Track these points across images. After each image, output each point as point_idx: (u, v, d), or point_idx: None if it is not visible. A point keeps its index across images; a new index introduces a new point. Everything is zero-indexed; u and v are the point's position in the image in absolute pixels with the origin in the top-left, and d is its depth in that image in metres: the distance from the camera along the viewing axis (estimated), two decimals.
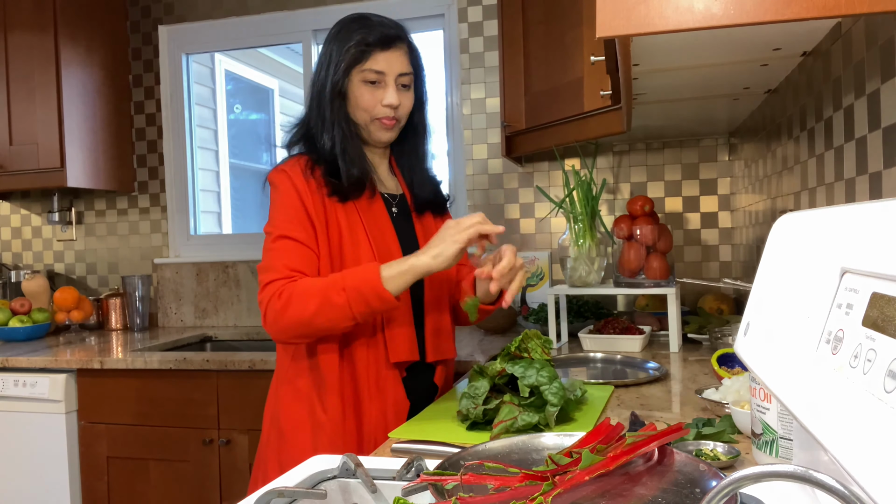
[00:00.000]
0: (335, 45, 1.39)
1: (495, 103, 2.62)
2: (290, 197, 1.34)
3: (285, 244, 1.31)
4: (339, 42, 1.38)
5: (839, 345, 0.47)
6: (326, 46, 1.41)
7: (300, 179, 1.35)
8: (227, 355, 2.18)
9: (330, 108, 1.38)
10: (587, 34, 1.82)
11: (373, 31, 1.37)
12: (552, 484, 0.63)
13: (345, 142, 1.38)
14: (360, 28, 1.38)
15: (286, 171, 1.37)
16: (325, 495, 0.78)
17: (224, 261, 2.93)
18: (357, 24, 1.39)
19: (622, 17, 0.90)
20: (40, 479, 2.28)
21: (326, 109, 1.39)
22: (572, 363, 1.73)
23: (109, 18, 2.95)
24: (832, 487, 0.39)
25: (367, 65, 1.36)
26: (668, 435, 0.72)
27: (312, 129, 1.41)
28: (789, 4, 0.84)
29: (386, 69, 1.37)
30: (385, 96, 1.38)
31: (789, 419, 0.85)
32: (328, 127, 1.39)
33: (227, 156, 3.27)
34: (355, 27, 1.38)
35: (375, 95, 1.38)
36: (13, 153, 2.72)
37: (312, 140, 1.42)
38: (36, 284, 2.87)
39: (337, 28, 1.42)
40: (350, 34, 1.38)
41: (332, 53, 1.38)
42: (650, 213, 2.01)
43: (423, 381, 1.45)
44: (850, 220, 0.51)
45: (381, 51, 1.37)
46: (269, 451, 1.40)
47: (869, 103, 1.02)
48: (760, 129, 1.85)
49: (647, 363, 1.63)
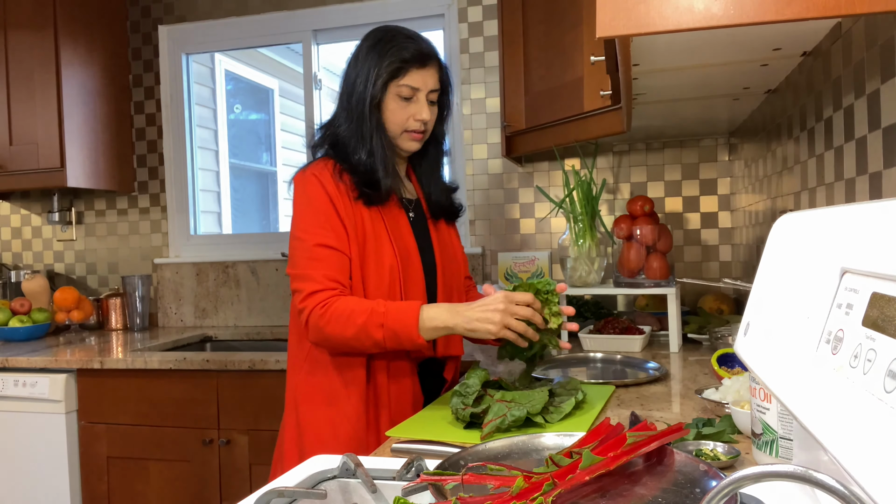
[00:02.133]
0: (372, 59, 1.42)
1: (495, 103, 2.62)
2: (321, 201, 1.38)
3: (322, 252, 1.36)
4: (375, 56, 1.42)
5: (839, 345, 0.47)
6: (362, 59, 1.44)
7: (331, 183, 1.39)
8: (227, 355, 2.18)
9: (368, 121, 1.42)
10: (587, 34, 1.82)
11: (409, 48, 1.42)
12: (552, 484, 0.63)
13: (383, 153, 1.43)
14: (396, 44, 1.42)
15: (316, 175, 1.40)
16: (325, 495, 0.78)
17: (224, 261, 2.93)
18: (393, 40, 1.43)
19: (622, 17, 0.90)
20: (40, 479, 2.28)
21: (365, 123, 1.42)
22: (572, 363, 1.73)
23: (109, 18, 2.94)
24: (832, 487, 0.39)
25: (403, 81, 1.42)
26: (668, 435, 0.72)
27: (343, 137, 1.44)
28: (789, 4, 0.84)
29: (420, 86, 1.43)
30: (418, 111, 1.44)
31: (789, 419, 0.85)
32: (366, 139, 1.42)
33: (227, 156, 3.27)
34: (392, 43, 1.42)
35: (408, 110, 1.44)
36: (13, 153, 2.72)
37: (341, 147, 1.44)
38: (36, 284, 2.87)
39: (371, 42, 1.45)
40: (387, 49, 1.42)
41: (370, 67, 1.42)
42: (650, 213, 2.01)
43: (435, 375, 1.52)
44: (850, 220, 0.51)
45: (417, 68, 1.43)
46: (290, 446, 1.42)
47: (869, 103, 1.02)
48: (760, 129, 1.85)
49: (647, 363, 1.63)
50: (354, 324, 1.30)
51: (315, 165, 1.43)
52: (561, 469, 0.66)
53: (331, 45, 2.92)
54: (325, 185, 1.38)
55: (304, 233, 1.37)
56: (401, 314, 1.29)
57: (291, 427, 1.43)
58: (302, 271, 1.35)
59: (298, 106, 3.93)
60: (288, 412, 1.45)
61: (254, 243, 2.94)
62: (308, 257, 1.35)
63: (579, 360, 1.75)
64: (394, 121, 1.44)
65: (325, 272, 1.35)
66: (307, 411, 1.41)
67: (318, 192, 1.38)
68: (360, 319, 1.29)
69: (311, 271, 1.35)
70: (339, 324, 1.30)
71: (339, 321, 1.30)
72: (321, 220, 1.37)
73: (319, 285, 1.33)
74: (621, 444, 0.69)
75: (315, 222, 1.37)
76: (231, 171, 3.33)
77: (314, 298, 1.33)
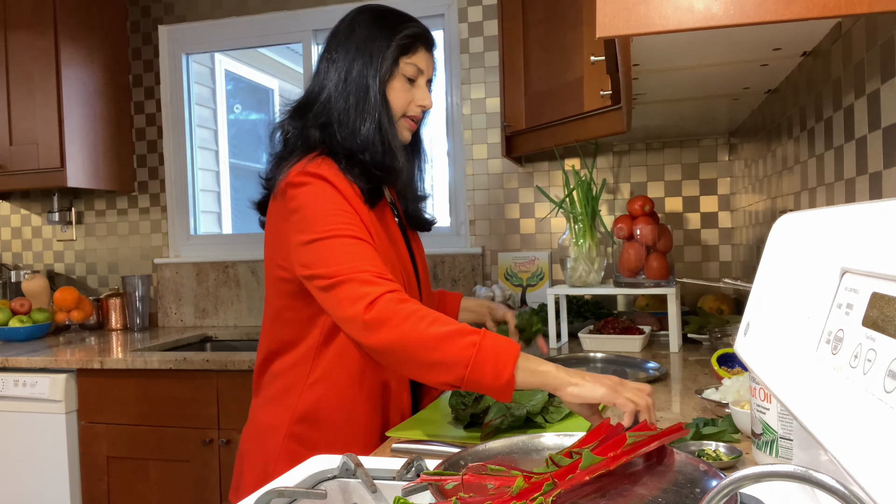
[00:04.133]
0: (376, 31, 1.28)
1: (495, 103, 2.62)
2: (338, 202, 1.20)
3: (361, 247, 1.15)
4: (379, 28, 1.29)
5: (839, 345, 0.47)
6: (362, 33, 1.29)
7: (344, 185, 1.22)
8: (227, 355, 2.18)
9: (373, 96, 1.27)
10: (587, 34, 1.81)
11: (418, 26, 1.31)
12: (552, 484, 0.63)
13: (391, 129, 1.29)
14: (405, 20, 1.31)
15: (327, 177, 1.21)
16: (325, 495, 0.78)
17: (224, 261, 2.93)
18: (396, 16, 1.32)
19: (622, 17, 0.90)
20: (40, 479, 2.28)
21: (369, 98, 1.27)
22: (572, 363, 1.73)
23: (109, 18, 2.95)
24: (832, 487, 0.39)
25: (412, 59, 1.30)
26: (668, 435, 0.72)
27: (340, 115, 1.27)
28: (789, 4, 0.84)
29: (425, 68, 1.33)
30: (422, 97, 1.33)
31: (789, 419, 0.85)
32: (371, 114, 1.26)
33: (227, 156, 3.27)
34: (396, 18, 1.31)
35: (411, 93, 1.32)
36: (13, 153, 2.72)
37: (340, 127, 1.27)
38: (36, 284, 2.87)
39: (370, 15, 1.31)
40: (394, 23, 1.30)
41: (375, 39, 1.28)
42: (650, 213, 2.01)
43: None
44: (850, 220, 0.51)
45: (425, 50, 1.33)
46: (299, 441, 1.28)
47: (869, 103, 1.02)
48: (760, 129, 1.85)
49: (647, 363, 1.63)
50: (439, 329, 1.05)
51: (319, 165, 1.22)
52: (561, 469, 0.66)
53: None
54: (338, 187, 1.21)
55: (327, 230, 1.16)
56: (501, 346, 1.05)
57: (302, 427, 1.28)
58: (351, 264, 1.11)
59: None
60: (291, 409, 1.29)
61: (254, 243, 2.94)
62: (348, 252, 1.13)
63: (579, 360, 1.75)
64: (396, 102, 1.30)
65: (380, 269, 1.13)
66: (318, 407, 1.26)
67: (333, 193, 1.20)
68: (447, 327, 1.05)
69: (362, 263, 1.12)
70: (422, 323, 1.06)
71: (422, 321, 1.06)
72: (348, 219, 1.18)
73: (387, 274, 1.13)
74: (621, 444, 0.69)
75: (343, 219, 1.18)
76: (231, 171, 3.33)
77: (386, 285, 1.10)
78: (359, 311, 1.07)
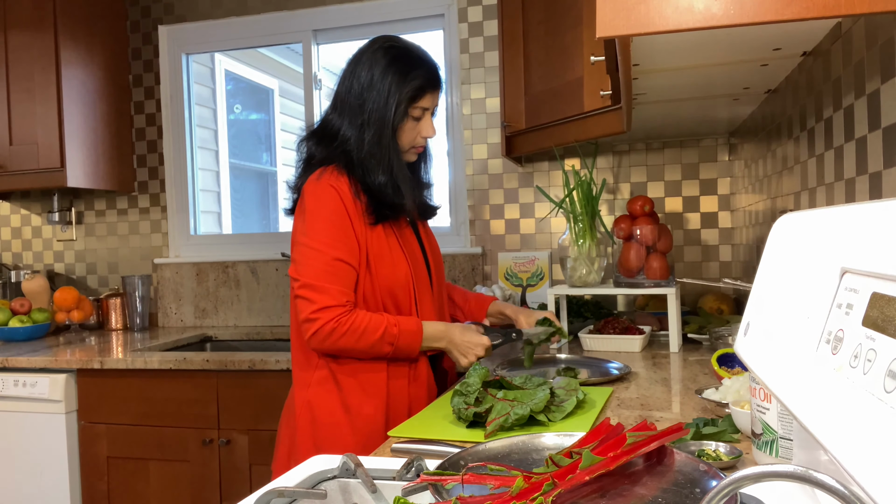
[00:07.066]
0: (389, 80, 1.46)
1: (495, 103, 2.62)
2: (340, 215, 1.42)
3: (339, 267, 1.41)
4: (393, 77, 1.46)
5: (839, 345, 0.47)
6: (378, 78, 1.47)
7: (349, 198, 1.44)
8: (227, 355, 2.18)
9: (387, 144, 1.47)
10: (587, 34, 1.81)
11: (424, 69, 1.49)
12: (552, 484, 0.63)
13: (402, 175, 1.49)
14: (413, 66, 1.48)
15: (335, 187, 1.43)
16: (325, 495, 0.78)
17: (224, 261, 2.93)
18: (409, 61, 1.48)
19: (622, 17, 0.90)
20: (40, 479, 2.28)
21: (384, 146, 1.47)
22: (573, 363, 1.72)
23: (109, 18, 2.94)
24: (832, 487, 0.39)
25: (419, 103, 1.50)
26: (668, 435, 0.72)
27: (358, 157, 1.47)
28: (789, 4, 0.84)
29: (430, 106, 1.53)
30: (427, 129, 1.53)
31: (789, 419, 0.85)
32: (384, 161, 1.47)
33: (227, 156, 3.27)
34: (408, 65, 1.48)
35: (417, 128, 1.53)
36: (13, 153, 2.72)
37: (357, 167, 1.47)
38: (36, 284, 2.87)
39: (387, 60, 1.48)
40: (405, 72, 1.47)
41: (389, 89, 1.46)
42: (650, 213, 2.01)
43: (436, 365, 1.60)
44: (850, 220, 0.51)
45: (431, 91, 1.51)
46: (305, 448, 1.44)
47: (869, 103, 1.02)
48: (760, 129, 1.85)
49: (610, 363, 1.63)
50: (367, 341, 1.40)
51: (330, 176, 1.44)
52: (561, 469, 0.66)
53: (331, 45, 2.91)
54: (343, 200, 1.43)
55: (321, 244, 1.40)
56: (409, 336, 1.43)
57: (305, 428, 1.44)
58: (317, 282, 1.39)
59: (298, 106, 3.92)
60: (300, 413, 1.46)
61: (254, 243, 2.94)
62: (325, 270, 1.39)
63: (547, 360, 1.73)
64: (405, 139, 1.51)
65: (341, 288, 1.40)
66: (323, 415, 1.44)
67: (338, 206, 1.43)
68: (372, 338, 1.40)
69: (327, 285, 1.39)
70: (352, 338, 1.39)
71: (352, 336, 1.39)
72: (340, 235, 1.41)
73: (334, 300, 1.38)
74: (621, 444, 0.69)
75: (334, 235, 1.41)
76: (231, 171, 3.33)
77: (328, 313, 1.38)
78: (313, 325, 1.38)
